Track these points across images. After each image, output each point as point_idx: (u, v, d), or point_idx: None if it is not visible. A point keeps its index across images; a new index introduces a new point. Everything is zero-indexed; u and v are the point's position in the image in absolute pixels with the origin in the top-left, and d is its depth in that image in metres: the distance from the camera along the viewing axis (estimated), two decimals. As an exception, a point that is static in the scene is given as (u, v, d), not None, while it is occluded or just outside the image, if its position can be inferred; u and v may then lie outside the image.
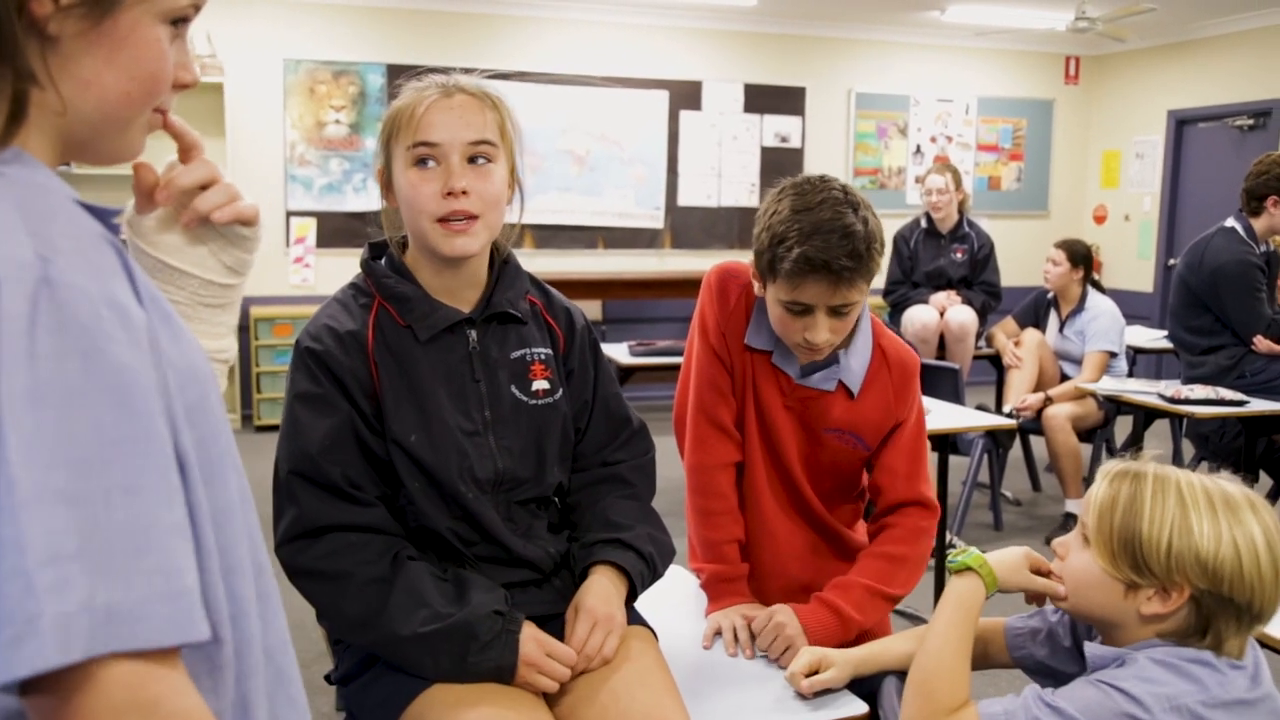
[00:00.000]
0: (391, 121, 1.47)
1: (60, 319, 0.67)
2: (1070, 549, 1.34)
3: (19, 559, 0.63)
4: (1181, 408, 3.85)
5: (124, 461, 0.67)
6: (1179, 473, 1.29)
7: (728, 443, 1.81)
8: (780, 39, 7.74)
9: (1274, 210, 4.02)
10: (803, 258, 1.57)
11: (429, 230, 1.44)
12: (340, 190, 6.82)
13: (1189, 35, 7.78)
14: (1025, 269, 7.90)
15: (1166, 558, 1.23)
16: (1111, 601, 1.29)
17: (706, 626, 1.75)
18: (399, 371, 1.45)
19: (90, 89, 0.78)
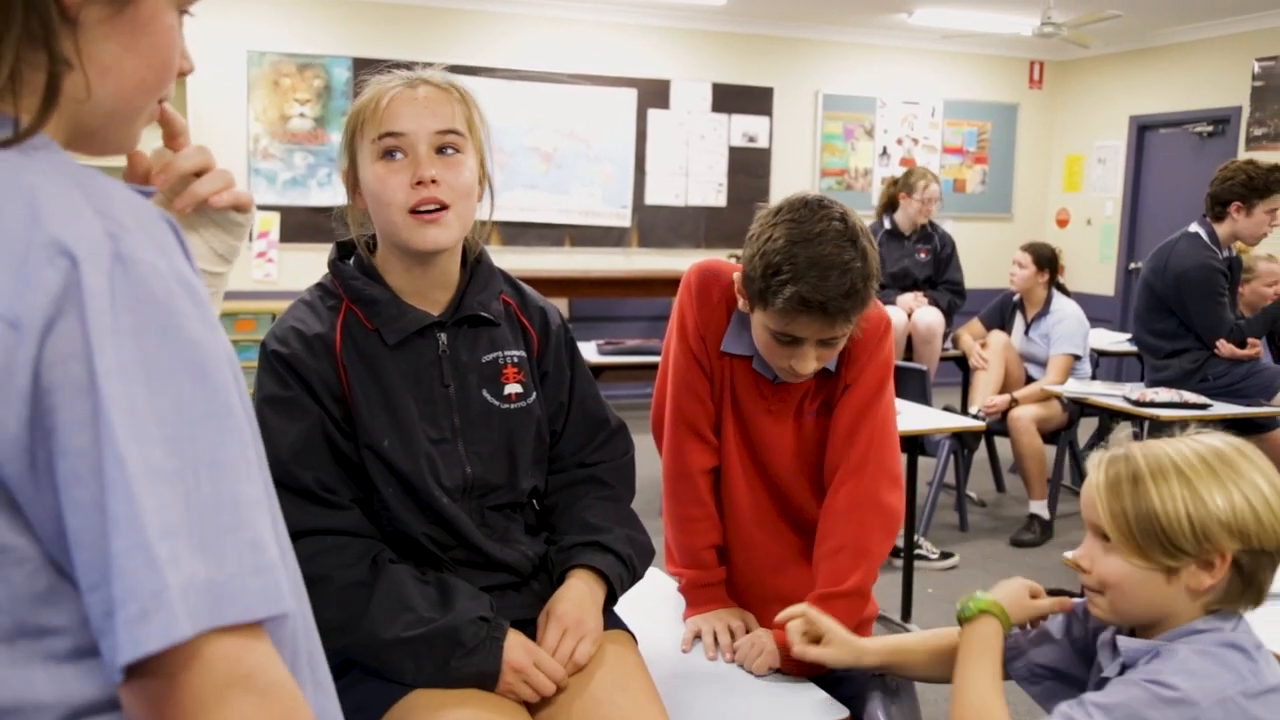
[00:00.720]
0: (355, 117, 1.43)
1: (137, 295, 0.67)
2: (1094, 559, 1.31)
3: (139, 534, 0.64)
4: (1146, 410, 3.89)
5: (208, 437, 0.68)
6: (1165, 444, 1.28)
7: (705, 448, 1.79)
8: (749, 39, 7.75)
9: (1237, 216, 4.07)
10: (798, 297, 1.52)
11: (399, 223, 1.40)
12: (304, 185, 6.74)
13: (1151, 42, 7.88)
14: (989, 271, 7.97)
15: (1194, 533, 1.23)
16: (1158, 593, 1.27)
17: (685, 631, 1.75)
18: (369, 376, 1.42)
19: (109, 76, 0.77)
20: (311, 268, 6.47)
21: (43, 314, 0.65)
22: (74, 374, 0.65)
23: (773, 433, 1.76)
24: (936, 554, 4.34)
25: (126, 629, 0.64)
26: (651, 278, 7.24)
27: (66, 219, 0.68)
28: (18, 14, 0.71)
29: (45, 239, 0.67)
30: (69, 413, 0.65)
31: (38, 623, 0.70)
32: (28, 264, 0.66)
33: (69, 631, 0.70)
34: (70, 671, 0.70)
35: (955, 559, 4.36)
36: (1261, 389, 4.07)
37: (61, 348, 0.65)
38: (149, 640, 0.63)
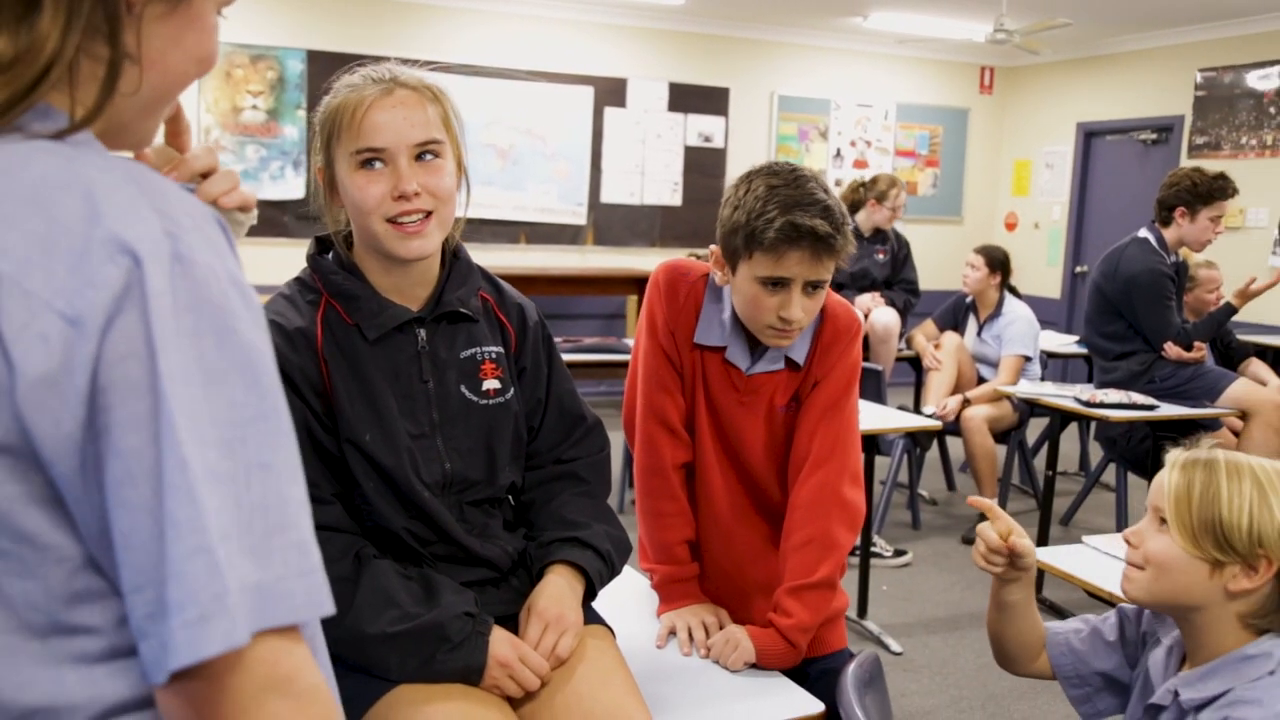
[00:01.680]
0: (331, 122, 1.42)
1: (195, 297, 0.67)
2: (1144, 536, 1.37)
3: (202, 538, 0.64)
4: (1096, 411, 3.98)
5: (259, 439, 0.69)
6: (1247, 457, 1.34)
7: (677, 444, 1.80)
8: (705, 39, 7.79)
9: (1182, 221, 4.17)
10: (789, 225, 1.58)
11: (381, 232, 1.40)
12: (257, 178, 6.65)
13: (1098, 50, 8.04)
14: (940, 273, 8.09)
15: (1249, 535, 1.27)
16: (1197, 581, 1.31)
17: (660, 626, 1.76)
18: (349, 370, 1.42)
19: (154, 69, 0.77)
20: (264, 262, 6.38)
21: (104, 312, 0.65)
22: (132, 373, 0.65)
23: (745, 425, 1.79)
24: (891, 551, 4.40)
25: (185, 633, 0.63)
26: (607, 276, 7.25)
27: (127, 216, 0.67)
28: (85, 5, 0.71)
29: (106, 235, 0.66)
30: (124, 412, 0.65)
31: (72, 622, 0.70)
32: (88, 260, 0.65)
33: (103, 632, 0.70)
34: (102, 671, 0.70)
35: (909, 556, 4.43)
36: (1205, 391, 4.18)
37: (120, 347, 0.65)
38: (209, 644, 0.63)
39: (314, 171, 1.49)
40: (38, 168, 0.69)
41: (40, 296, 0.65)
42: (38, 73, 0.70)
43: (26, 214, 0.67)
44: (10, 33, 0.70)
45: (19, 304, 0.65)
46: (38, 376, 0.65)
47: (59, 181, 0.68)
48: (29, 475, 0.67)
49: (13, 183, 0.68)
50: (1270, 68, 6.86)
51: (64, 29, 0.71)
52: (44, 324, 0.65)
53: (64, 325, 0.65)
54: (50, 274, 0.65)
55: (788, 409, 1.79)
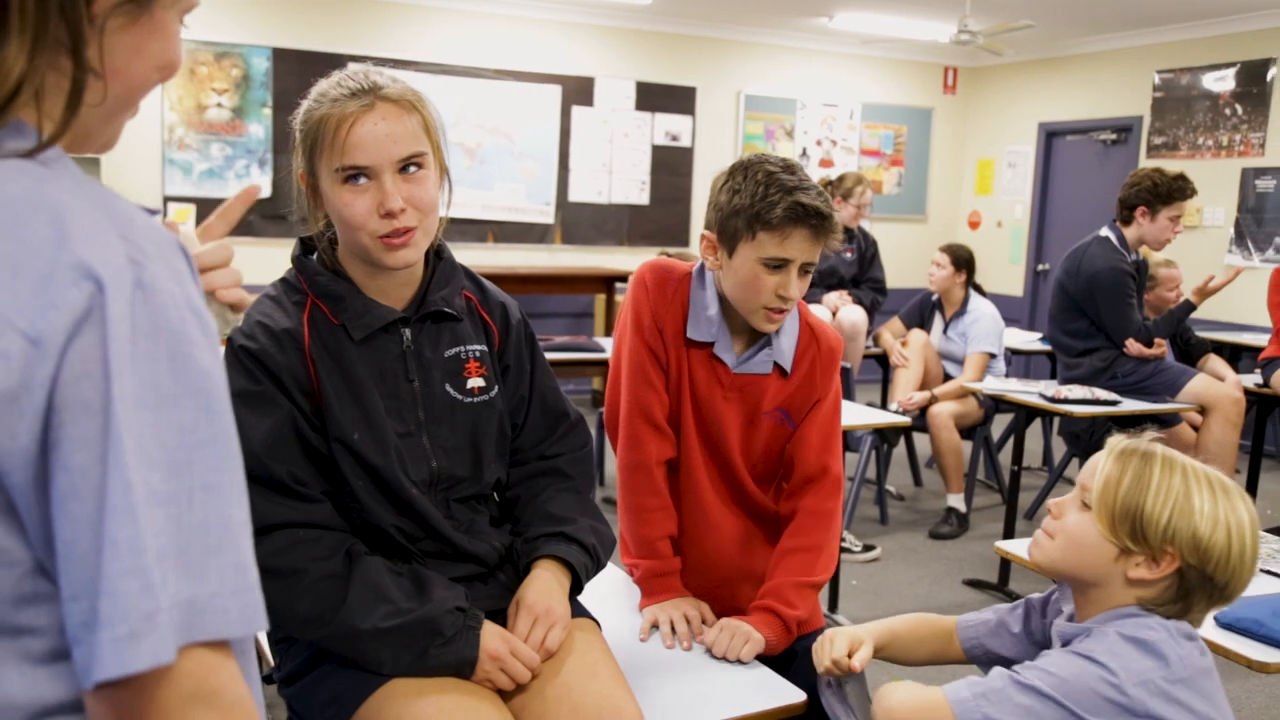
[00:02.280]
0: (312, 135, 1.42)
1: (153, 323, 0.69)
2: (1066, 509, 1.41)
3: (138, 559, 0.66)
4: (1061, 407, 4.05)
5: (204, 462, 0.70)
6: (1183, 456, 1.38)
7: (661, 439, 1.83)
8: (672, 38, 7.82)
9: (1143, 221, 4.26)
10: (796, 204, 1.67)
11: (368, 245, 1.42)
12: (221, 176, 6.60)
13: (1059, 52, 8.16)
14: (905, 271, 8.17)
15: (1165, 530, 1.31)
16: (1102, 562, 1.36)
17: (643, 620, 1.78)
18: (337, 370, 1.44)
19: (117, 78, 0.78)
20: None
21: (64, 333, 0.67)
22: (85, 394, 0.67)
23: (728, 421, 1.83)
24: (859, 547, 4.45)
25: (113, 646, 0.65)
26: (575, 275, 7.26)
27: (93, 242, 0.69)
28: (51, 21, 0.72)
29: (72, 260, 0.68)
30: (74, 430, 0.67)
31: (18, 623, 0.71)
32: (53, 283, 0.67)
33: (47, 634, 0.72)
34: (44, 673, 0.72)
35: (877, 551, 4.48)
36: (1166, 386, 4.26)
37: (77, 367, 0.67)
38: (136, 661, 0.65)
39: (296, 176, 1.50)
40: (11, 188, 0.70)
41: (4, 315, 0.67)
42: (8, 93, 0.72)
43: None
44: None
45: None
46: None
47: (29, 203, 0.70)
48: None
49: None
50: (1225, 70, 6.99)
51: (31, 49, 0.72)
52: (6, 342, 0.66)
53: (25, 344, 0.66)
54: (15, 294, 0.67)
55: (773, 417, 1.84)
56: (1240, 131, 6.92)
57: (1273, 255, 6.68)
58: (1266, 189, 6.77)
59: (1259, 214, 6.81)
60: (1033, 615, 1.54)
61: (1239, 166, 6.91)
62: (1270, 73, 6.72)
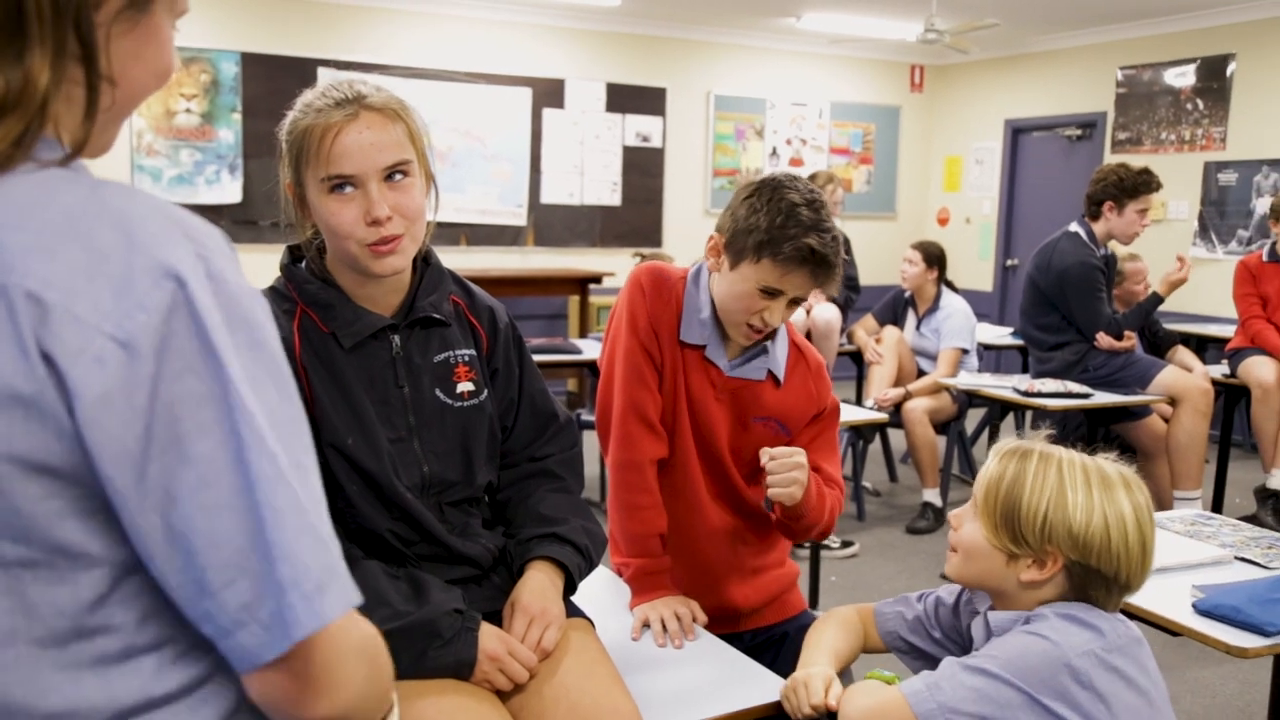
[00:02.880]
0: (298, 145, 1.43)
1: (234, 313, 0.73)
2: (963, 520, 1.44)
3: (304, 518, 0.71)
4: (1035, 400, 4.10)
5: (295, 440, 0.75)
6: (1064, 451, 1.39)
7: (655, 439, 1.85)
8: (642, 40, 7.84)
9: (1110, 215, 4.32)
10: (809, 248, 1.68)
11: (356, 253, 1.43)
12: (191, 182, 6.56)
13: (1024, 49, 8.25)
14: (875, 268, 8.23)
15: (1041, 529, 1.34)
16: (995, 569, 1.39)
17: (634, 619, 1.80)
18: (328, 377, 1.44)
19: (120, 84, 0.80)
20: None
21: (157, 333, 0.69)
22: (192, 387, 0.70)
23: (719, 422, 1.86)
24: (838, 543, 4.49)
25: (305, 603, 0.70)
26: (548, 276, 7.26)
27: (163, 242, 0.71)
28: (68, 34, 0.74)
29: (149, 262, 0.70)
30: (192, 422, 0.69)
31: (94, 624, 0.73)
32: (133, 286, 0.69)
33: (121, 630, 0.73)
34: (117, 673, 0.74)
35: (855, 547, 4.52)
36: (1137, 378, 4.33)
37: (177, 363, 0.69)
38: (331, 609, 0.71)
39: (283, 186, 1.50)
40: (65, 198, 0.72)
41: (89, 322, 0.68)
42: (39, 104, 0.73)
43: (64, 245, 0.70)
44: (1, 71, 0.72)
45: (71, 330, 0.68)
46: (95, 397, 0.68)
47: (90, 212, 0.72)
48: (65, 491, 0.70)
49: (45, 215, 0.71)
50: (1187, 65, 7.10)
51: (53, 61, 0.73)
52: (98, 348, 0.68)
53: (116, 348, 0.68)
54: (97, 300, 0.69)
55: (766, 424, 1.88)
56: (1202, 126, 7.03)
57: (1235, 247, 6.79)
58: (1229, 182, 6.88)
59: (1221, 207, 6.93)
60: (942, 609, 1.58)
61: (1201, 160, 7.03)
62: (1230, 68, 6.83)
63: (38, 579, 0.71)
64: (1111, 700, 1.30)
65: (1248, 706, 3.17)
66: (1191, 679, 3.31)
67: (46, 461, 0.69)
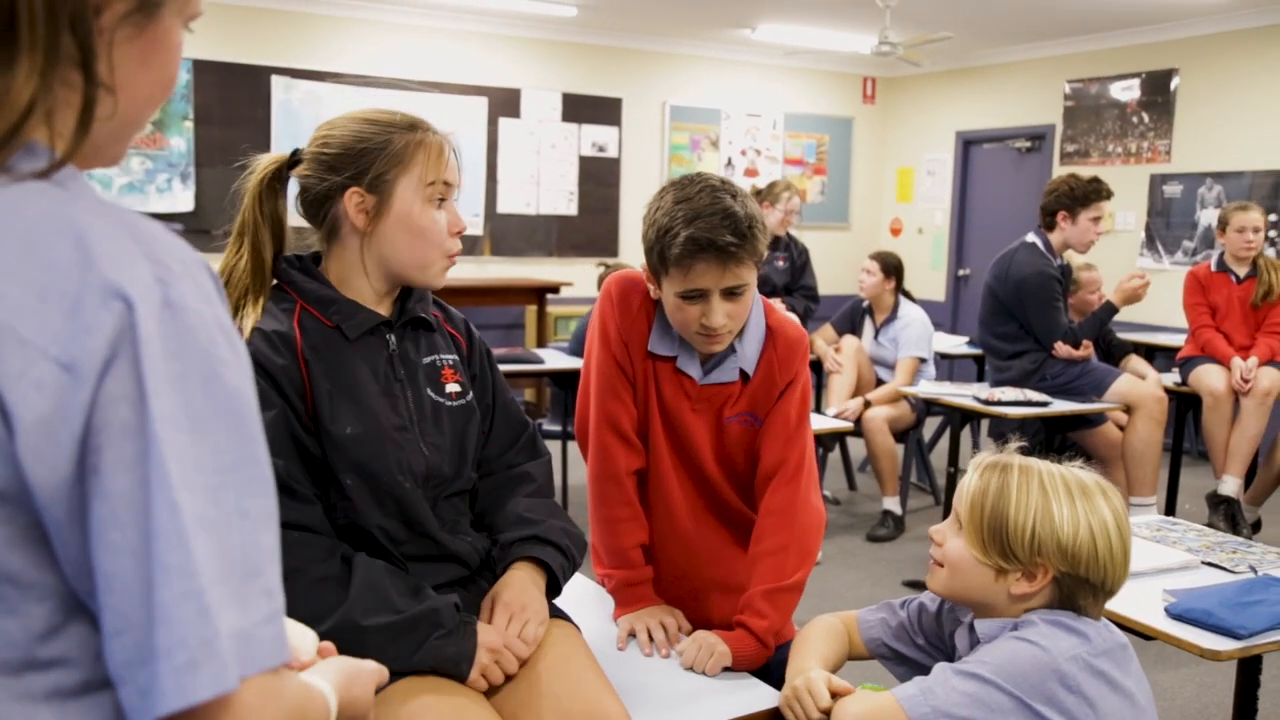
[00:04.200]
0: (396, 155, 1.48)
1: (183, 343, 0.68)
2: (946, 536, 1.46)
3: (191, 582, 0.64)
4: (994, 409, 4.15)
5: (238, 486, 0.69)
6: (1040, 464, 1.42)
7: (630, 450, 1.84)
8: (598, 50, 7.84)
9: (1064, 225, 4.40)
10: (689, 240, 1.64)
11: (434, 261, 1.53)
12: (142, 190, 6.45)
13: (974, 62, 8.38)
14: (830, 278, 8.28)
15: (1030, 543, 1.36)
16: (984, 584, 1.41)
17: (619, 629, 1.79)
18: (330, 369, 1.48)
19: (124, 92, 0.77)
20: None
21: (100, 357, 0.65)
22: (122, 416, 0.66)
23: (697, 431, 1.84)
24: (801, 551, 4.50)
25: (173, 677, 0.64)
26: (505, 286, 7.23)
27: (119, 262, 0.68)
28: (61, 37, 0.71)
29: (100, 281, 0.66)
30: (113, 453, 0.65)
31: (48, 656, 0.69)
32: (82, 307, 0.66)
33: (79, 664, 0.70)
34: (74, 707, 0.70)
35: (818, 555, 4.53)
36: (1093, 387, 4.40)
37: (113, 390, 0.66)
38: (199, 689, 0.64)
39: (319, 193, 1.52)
40: (31, 212, 0.69)
41: (36, 344, 0.65)
42: (21, 112, 0.70)
43: (20, 261, 0.67)
44: None
45: (14, 352, 0.65)
46: (33, 422, 0.65)
47: (51, 227, 0.68)
48: (15, 518, 0.67)
49: (7, 230, 0.68)
50: (1132, 79, 7.25)
51: (43, 67, 0.70)
52: (39, 371, 0.65)
53: (59, 371, 0.65)
54: (45, 321, 0.65)
55: (738, 421, 1.85)
56: (1148, 139, 7.18)
57: (1181, 258, 6.94)
58: (1174, 194, 7.04)
59: (1167, 218, 7.08)
60: (925, 617, 1.59)
61: (1147, 173, 7.18)
62: (1174, 82, 6.99)
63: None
64: (1098, 704, 1.33)
65: (1205, 709, 3.22)
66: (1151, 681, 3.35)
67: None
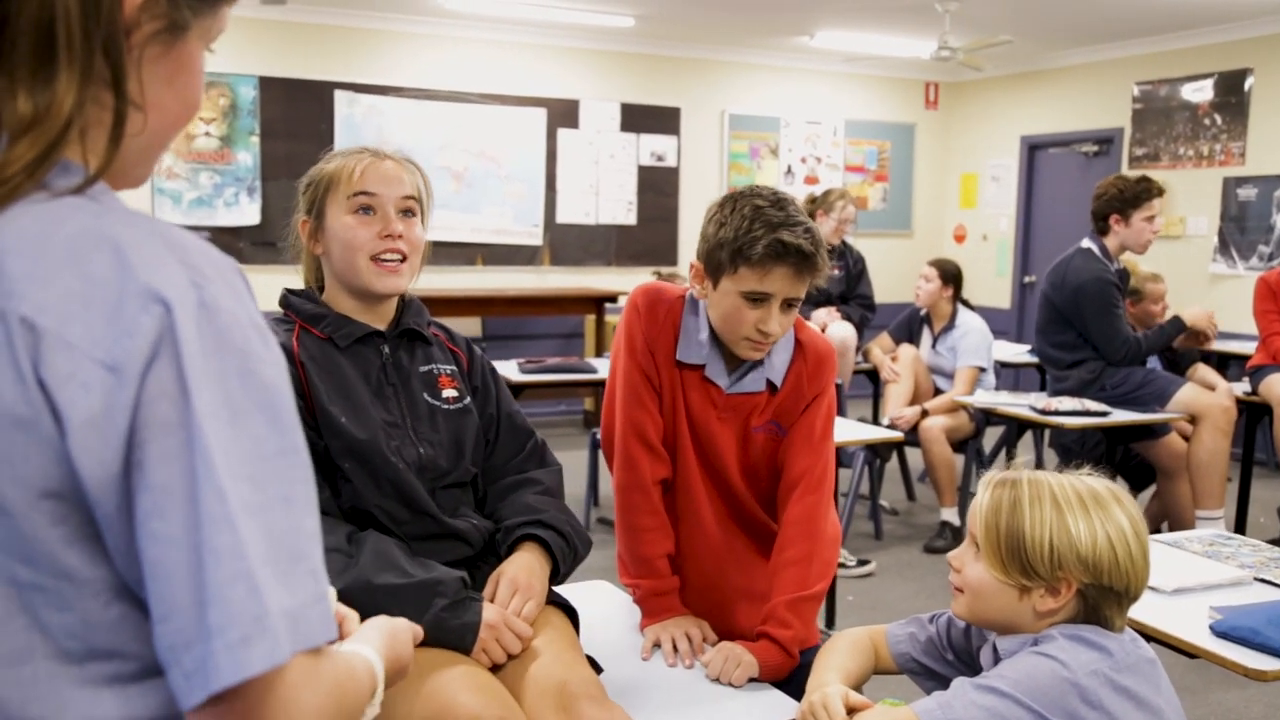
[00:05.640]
0: (327, 180, 1.63)
1: (220, 341, 0.72)
2: (965, 561, 1.43)
3: (242, 563, 0.69)
4: (1051, 419, 4.07)
5: (280, 474, 0.73)
6: (1050, 476, 1.39)
7: (655, 460, 1.85)
8: (656, 60, 7.87)
9: (1118, 228, 4.30)
10: (776, 242, 1.68)
11: (364, 268, 1.61)
12: (211, 204, 6.61)
13: (1039, 65, 8.24)
14: (891, 286, 8.20)
15: (1050, 558, 1.34)
16: (1009, 606, 1.39)
17: (645, 639, 1.80)
18: (324, 371, 1.59)
19: (152, 110, 0.80)
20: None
21: (142, 358, 0.69)
22: (164, 412, 0.69)
23: (724, 440, 1.84)
24: (854, 562, 4.46)
25: (227, 653, 0.67)
26: (564, 296, 7.28)
27: (155, 268, 0.72)
28: (96, 56, 0.74)
29: (139, 287, 0.70)
30: (157, 448, 0.69)
31: (109, 647, 0.74)
32: (123, 311, 0.70)
33: (137, 655, 0.74)
34: (136, 690, 0.74)
35: (872, 565, 4.49)
36: (1156, 396, 4.29)
37: (154, 388, 0.70)
38: (253, 663, 0.67)
39: (297, 225, 1.69)
40: (69, 227, 0.73)
41: (80, 348, 0.69)
42: (60, 129, 0.73)
43: (62, 271, 0.71)
44: (27, 90, 0.73)
45: (62, 356, 0.69)
46: (83, 422, 0.69)
47: (89, 239, 0.72)
48: (70, 516, 0.71)
49: (49, 243, 0.72)
50: (1204, 80, 7.07)
51: (80, 84, 0.74)
52: (86, 373, 0.69)
53: (104, 373, 0.69)
54: (89, 326, 0.69)
55: (764, 430, 1.85)
56: (1220, 141, 6.99)
57: (1256, 263, 6.74)
58: (1248, 198, 6.84)
59: (1241, 222, 6.88)
60: (954, 632, 1.57)
61: (1220, 176, 6.98)
62: (1248, 82, 6.80)
63: (48, 603, 0.73)
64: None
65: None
66: (1214, 702, 3.26)
67: (48, 486, 0.70)
